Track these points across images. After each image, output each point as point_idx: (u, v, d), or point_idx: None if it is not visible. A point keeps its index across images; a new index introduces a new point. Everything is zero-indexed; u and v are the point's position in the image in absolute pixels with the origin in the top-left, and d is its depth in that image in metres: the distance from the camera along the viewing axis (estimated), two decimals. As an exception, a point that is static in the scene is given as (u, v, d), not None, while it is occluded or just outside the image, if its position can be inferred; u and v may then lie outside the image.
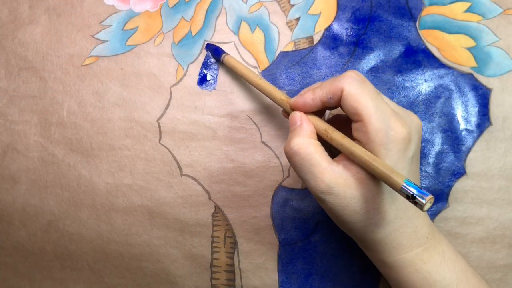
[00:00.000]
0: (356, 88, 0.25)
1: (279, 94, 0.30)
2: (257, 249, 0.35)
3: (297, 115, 0.28)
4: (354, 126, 0.25)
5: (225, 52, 0.35)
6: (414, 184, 0.21)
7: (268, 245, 0.35)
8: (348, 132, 0.26)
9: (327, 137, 0.26)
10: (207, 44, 0.36)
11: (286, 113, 0.30)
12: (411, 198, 0.21)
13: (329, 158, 0.26)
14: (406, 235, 0.26)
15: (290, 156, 0.26)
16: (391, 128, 0.24)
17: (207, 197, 0.35)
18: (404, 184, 0.21)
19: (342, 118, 0.30)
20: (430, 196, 0.21)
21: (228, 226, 0.35)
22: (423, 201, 0.21)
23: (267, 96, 0.31)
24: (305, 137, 0.26)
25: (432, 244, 0.27)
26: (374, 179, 0.25)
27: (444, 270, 0.27)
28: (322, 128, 0.27)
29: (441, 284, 0.27)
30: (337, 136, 0.26)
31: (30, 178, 0.36)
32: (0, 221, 0.37)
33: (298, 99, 0.28)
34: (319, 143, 0.26)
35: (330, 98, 0.26)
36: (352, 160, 0.25)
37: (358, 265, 0.34)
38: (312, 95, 0.27)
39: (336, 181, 0.25)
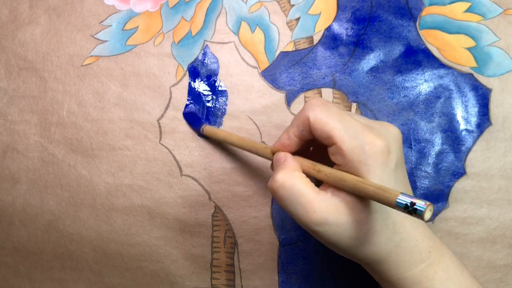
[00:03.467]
0: (320, 113, 0.25)
1: (261, 146, 0.30)
2: (257, 249, 0.35)
3: (281, 154, 0.27)
4: (330, 150, 0.25)
5: (203, 123, 0.35)
6: (409, 195, 0.21)
7: (268, 245, 0.35)
8: (326, 161, 0.26)
9: (314, 170, 0.26)
10: (184, 113, 0.36)
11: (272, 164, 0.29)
12: (411, 207, 0.20)
13: (316, 188, 0.25)
14: (408, 250, 0.26)
15: (275, 190, 0.25)
16: (366, 143, 0.24)
17: (207, 197, 0.35)
18: (398, 198, 0.21)
19: (319, 149, 0.29)
20: (428, 202, 0.20)
21: (228, 226, 0.35)
22: (423, 207, 0.20)
23: (251, 152, 0.31)
24: (289, 170, 0.26)
25: (436, 259, 0.26)
26: (363, 200, 0.24)
27: (449, 287, 0.26)
28: (307, 164, 0.26)
29: None
30: (323, 168, 0.25)
31: (30, 178, 0.36)
32: (0, 221, 0.37)
33: (276, 143, 0.28)
34: (304, 175, 0.26)
35: (302, 130, 0.26)
36: (341, 187, 0.24)
37: (358, 265, 0.34)
38: (287, 134, 0.27)
39: (327, 209, 0.24)
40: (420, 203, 0.20)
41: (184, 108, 0.36)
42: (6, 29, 0.39)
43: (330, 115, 0.25)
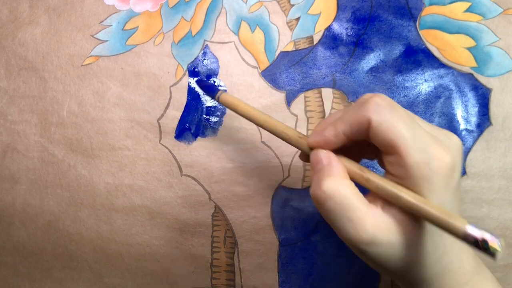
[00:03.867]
0: (386, 117, 0.21)
1: (294, 133, 0.26)
2: (257, 249, 0.35)
3: (323, 153, 0.24)
4: (388, 159, 0.22)
5: (218, 89, 0.31)
6: (476, 226, 0.18)
7: (268, 245, 0.35)
8: (365, 156, 0.24)
9: (362, 178, 0.23)
10: (198, 80, 0.33)
11: (304, 155, 0.26)
12: (482, 244, 0.18)
13: (366, 201, 0.22)
14: (454, 273, 0.23)
15: (322, 201, 0.22)
16: (433, 158, 0.21)
17: (207, 197, 0.35)
18: (468, 229, 0.18)
19: (358, 145, 0.25)
20: (501, 239, 0.17)
21: (228, 226, 0.35)
22: (498, 246, 0.17)
23: (277, 135, 0.26)
24: (338, 178, 0.22)
25: (478, 281, 0.24)
26: (417, 219, 0.22)
27: None
28: (354, 169, 0.23)
29: None
30: (374, 177, 0.22)
31: (30, 178, 0.36)
32: (0, 221, 0.37)
33: (318, 138, 0.24)
34: (353, 184, 0.23)
35: (356, 131, 0.22)
36: (395, 203, 0.22)
37: (358, 265, 0.34)
38: (334, 130, 0.23)
39: (378, 227, 0.21)
40: (493, 242, 0.17)
41: (193, 75, 0.33)
42: (6, 29, 0.39)
43: (398, 121, 0.21)
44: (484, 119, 0.34)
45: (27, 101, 0.37)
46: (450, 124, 0.34)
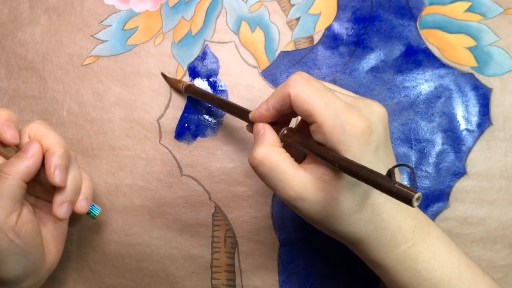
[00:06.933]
0: (302, 90, 0.24)
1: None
2: (258, 249, 0.35)
3: (260, 125, 0.27)
4: (311, 128, 0.25)
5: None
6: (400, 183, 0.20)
7: (269, 245, 0.35)
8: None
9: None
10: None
11: (250, 127, 0.29)
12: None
13: (295, 164, 0.25)
14: (390, 232, 0.25)
15: (255, 166, 0.25)
16: (346, 123, 0.23)
17: (207, 197, 0.35)
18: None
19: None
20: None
21: (229, 226, 0.35)
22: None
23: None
24: (268, 146, 0.26)
25: (421, 238, 0.26)
26: (342, 179, 0.24)
27: (433, 267, 0.26)
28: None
29: (431, 282, 0.26)
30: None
31: (30, 178, 0.36)
32: (0, 221, 0.37)
33: (254, 111, 0.28)
34: (283, 150, 0.26)
35: (282, 105, 0.26)
36: (321, 161, 0.24)
37: (358, 265, 0.34)
38: (266, 105, 0.27)
39: (304, 186, 0.24)
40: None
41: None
42: (6, 29, 0.39)
43: (312, 93, 0.24)
44: (484, 119, 0.34)
45: (27, 101, 0.37)
46: (451, 124, 0.34)
